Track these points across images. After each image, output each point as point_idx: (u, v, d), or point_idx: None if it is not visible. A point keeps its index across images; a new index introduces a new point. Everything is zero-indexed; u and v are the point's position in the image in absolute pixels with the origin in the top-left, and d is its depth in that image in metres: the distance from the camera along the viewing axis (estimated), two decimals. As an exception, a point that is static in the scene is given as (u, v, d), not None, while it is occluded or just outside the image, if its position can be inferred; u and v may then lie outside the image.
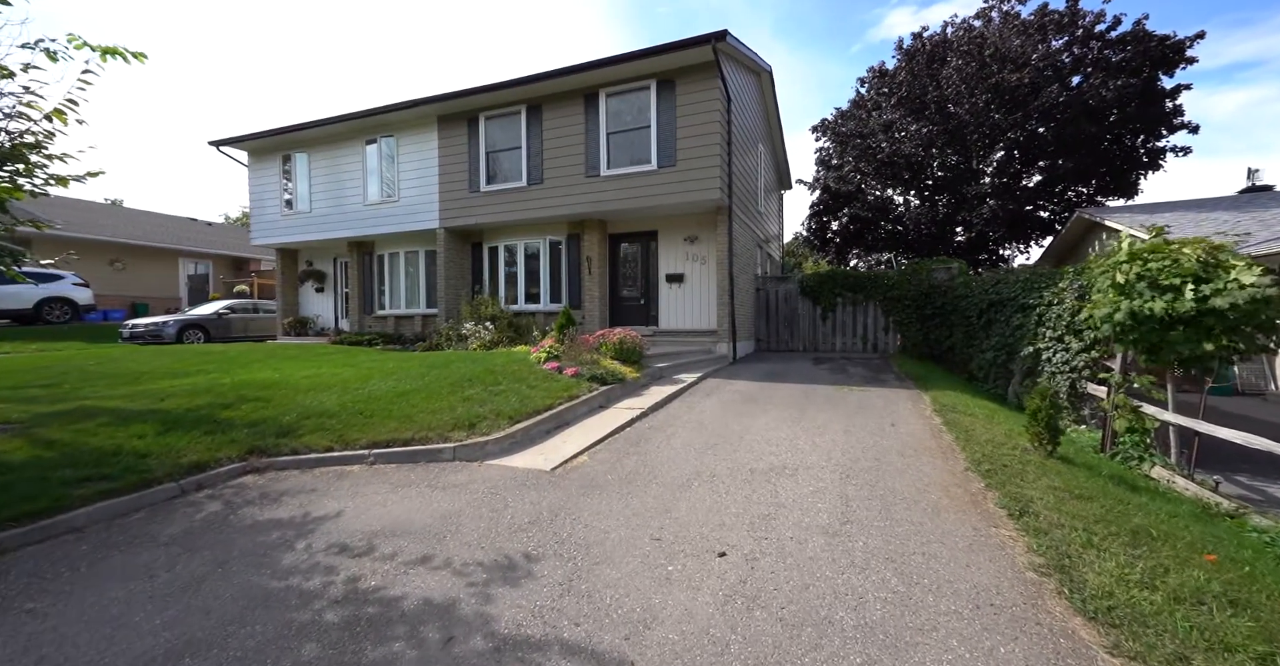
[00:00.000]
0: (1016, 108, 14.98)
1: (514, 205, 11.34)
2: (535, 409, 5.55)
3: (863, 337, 12.32)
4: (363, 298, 13.96)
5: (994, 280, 8.78)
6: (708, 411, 6.24)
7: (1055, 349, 6.15)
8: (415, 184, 12.40)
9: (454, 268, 12.49)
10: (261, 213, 14.17)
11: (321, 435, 4.60)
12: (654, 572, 2.71)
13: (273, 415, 5.02)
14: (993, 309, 8.75)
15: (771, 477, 4.03)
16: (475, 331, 10.30)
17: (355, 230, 13.15)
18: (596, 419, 5.88)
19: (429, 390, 6.01)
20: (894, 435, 5.10)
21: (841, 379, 8.34)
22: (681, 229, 11.23)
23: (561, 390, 6.27)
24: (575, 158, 10.74)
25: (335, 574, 2.71)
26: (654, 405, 6.45)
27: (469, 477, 4.12)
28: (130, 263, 18.66)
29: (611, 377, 7.02)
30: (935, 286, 11.23)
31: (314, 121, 12.53)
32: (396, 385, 6.28)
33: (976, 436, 4.85)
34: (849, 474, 4.07)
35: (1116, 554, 2.62)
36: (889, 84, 17.63)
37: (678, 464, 4.40)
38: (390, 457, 4.42)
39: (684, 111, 9.79)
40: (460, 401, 5.62)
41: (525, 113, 11.17)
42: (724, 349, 10.27)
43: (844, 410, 6.16)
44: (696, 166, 9.71)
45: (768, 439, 5.06)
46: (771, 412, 6.10)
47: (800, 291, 12.80)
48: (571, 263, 11.78)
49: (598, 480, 4.05)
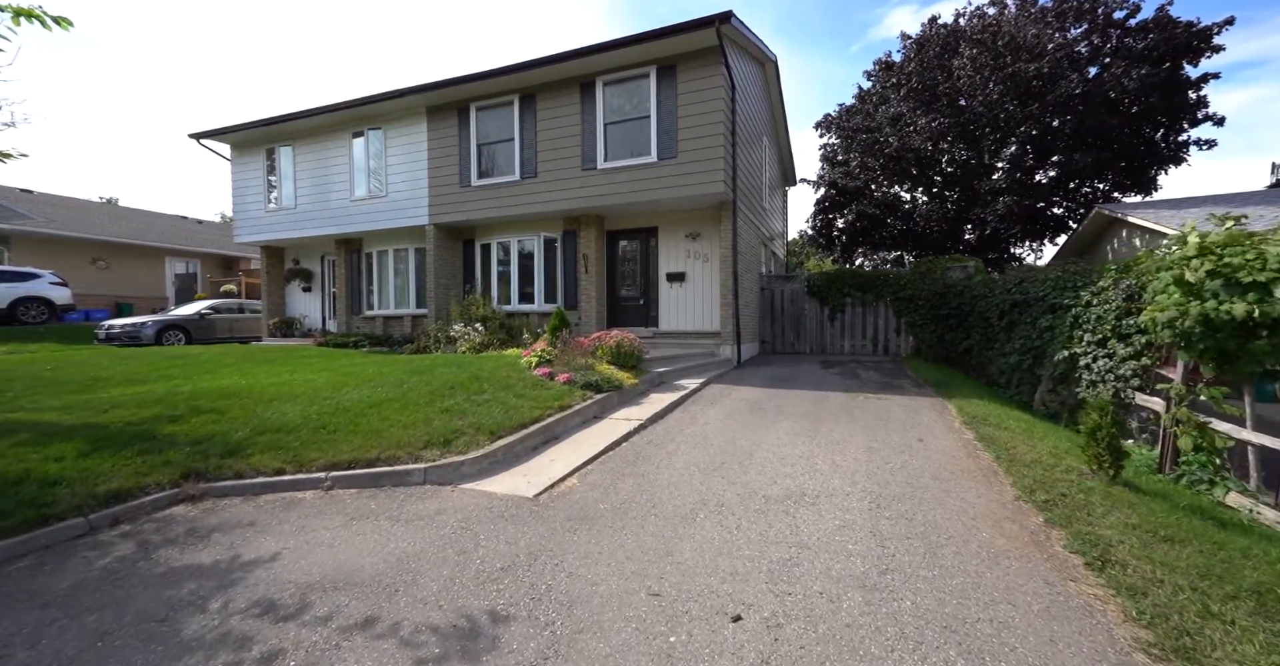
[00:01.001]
0: (1033, 99, 14.33)
1: (506, 200, 10.78)
2: (521, 421, 4.98)
3: (873, 340, 11.75)
4: (350, 297, 13.39)
5: (1017, 279, 8.20)
6: (712, 423, 5.67)
7: (1095, 354, 5.57)
8: (404, 178, 11.83)
9: (444, 266, 11.92)
10: (245, 209, 13.60)
11: (274, 455, 4.02)
12: (652, 645, 2.14)
13: (223, 430, 4.46)
14: (1016, 310, 8.17)
15: (789, 507, 3.46)
16: (464, 333, 9.73)
17: (342, 227, 12.58)
18: (590, 432, 5.31)
19: (405, 399, 5.44)
20: (923, 453, 4.52)
21: (855, 385, 7.77)
22: (683, 225, 10.66)
23: (552, 399, 5.70)
24: (571, 150, 10.17)
25: (249, 648, 2.14)
26: (654, 415, 5.88)
27: (438, 506, 3.54)
28: (114, 261, 18.10)
29: (607, 384, 6.45)
30: (951, 286, 10.64)
31: (299, 113, 11.96)
32: (371, 393, 5.71)
33: (1019, 455, 4.27)
34: (879, 502, 3.50)
35: (1249, 628, 2.04)
36: (897, 75, 16.99)
37: (680, 489, 3.83)
38: (351, 481, 3.85)
39: (686, 100, 9.22)
40: (438, 413, 5.05)
41: (518, 103, 10.60)
42: (728, 352, 9.70)
43: (863, 422, 5.59)
44: (699, 158, 9.14)
45: (781, 457, 4.49)
46: (782, 425, 5.53)
47: (807, 291, 12.22)
48: (567, 261, 11.21)
49: (587, 510, 3.48)
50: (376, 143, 12.08)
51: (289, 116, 12.05)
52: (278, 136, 12.93)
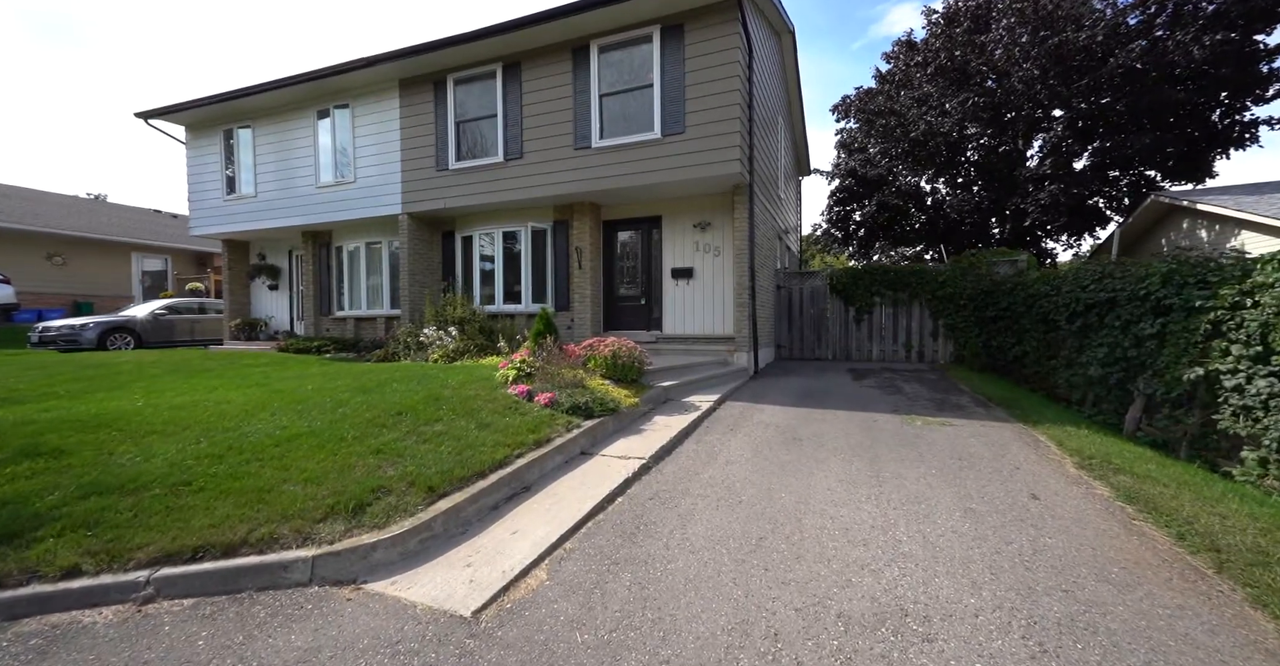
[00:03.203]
0: (1082, 74, 12.85)
1: (489, 185, 9.41)
2: (479, 467, 3.62)
3: (905, 345, 10.37)
4: (318, 297, 12.03)
5: (1096, 273, 6.79)
6: (737, 462, 4.30)
7: (1251, 372, 4.19)
8: (374, 162, 10.47)
9: (420, 261, 10.56)
10: (202, 198, 12.23)
11: (77, 540, 2.63)
12: None
13: (38, 489, 3.09)
14: (1094, 311, 6.77)
15: (888, 643, 2.09)
16: (437, 338, 8.37)
17: (308, 217, 11.22)
18: (574, 478, 3.95)
19: (330, 433, 4.08)
20: (1053, 522, 3.15)
21: (902, 403, 6.39)
22: (690, 213, 9.27)
23: (526, 431, 4.34)
24: (561, 127, 8.80)
25: None
26: (659, 450, 4.51)
27: (311, 641, 2.17)
28: (74, 257, 16.75)
29: (600, 407, 5.08)
30: (999, 283, 9.25)
31: (258, 86, 10.56)
32: (290, 423, 4.34)
33: (1210, 530, 2.90)
34: (1037, 634, 2.13)
35: None
36: (922, 54, 15.50)
37: (704, 595, 2.46)
38: (189, 584, 2.47)
39: (695, 65, 7.84)
40: (366, 455, 3.69)
41: (501, 73, 9.23)
42: (743, 360, 8.33)
43: (936, 462, 4.21)
44: (711, 133, 7.76)
45: (844, 525, 3.12)
46: (831, 465, 4.16)
47: (830, 289, 10.84)
48: (558, 255, 9.84)
49: (556, 647, 2.12)
50: (344, 122, 10.71)
51: (247, 91, 10.66)
52: (236, 115, 11.56)
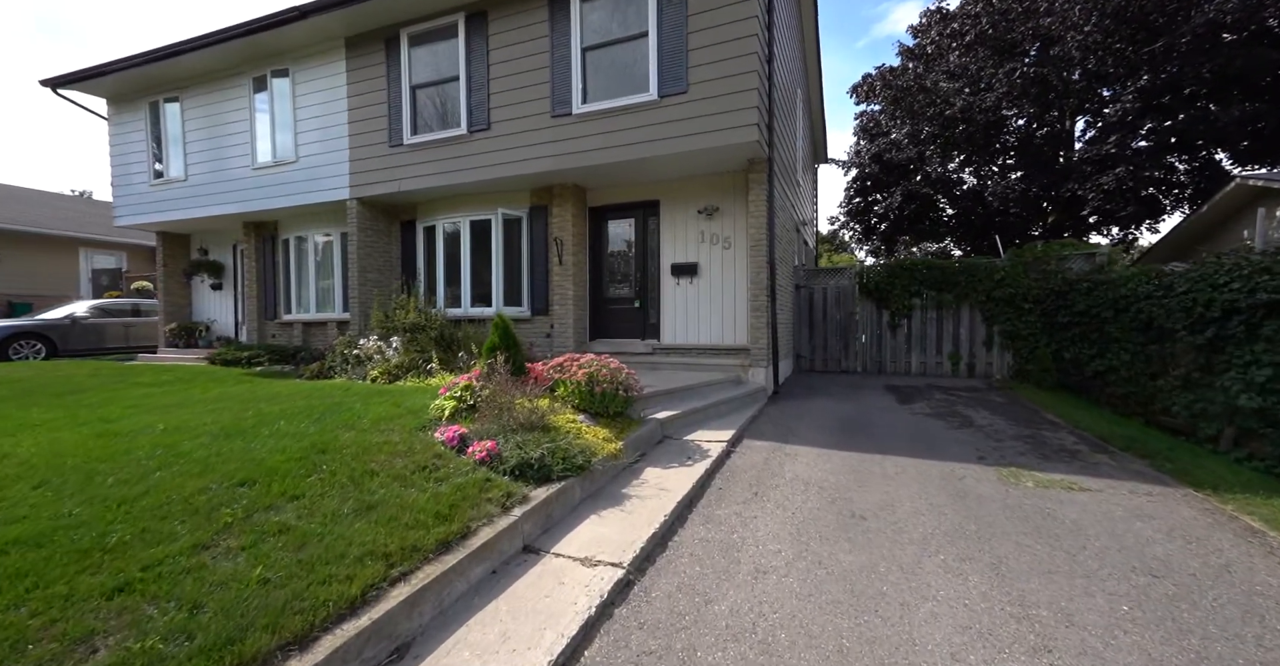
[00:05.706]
0: (1155, 35, 11.08)
1: (451, 163, 7.75)
2: (296, 629, 1.93)
3: (951, 356, 8.67)
4: (263, 298, 10.37)
5: (1250, 266, 5.03)
6: (772, 573, 2.61)
7: None
8: (318, 138, 8.81)
9: (373, 256, 8.90)
10: (127, 183, 10.57)
11: None
12: None
13: None
14: (1234, 317, 5.08)
15: None
16: (377, 350, 6.69)
17: (245, 204, 9.56)
18: (495, 617, 2.25)
19: (81, 532, 2.41)
20: None
21: (982, 443, 4.70)
22: (694, 196, 7.60)
23: (433, 516, 2.67)
24: (537, 89, 7.15)
25: None
26: (647, 544, 2.83)
27: None
28: (9, 253, 15.15)
29: (561, 462, 3.39)
30: (1073, 282, 7.55)
31: (184, 43, 8.74)
32: (30, 513, 2.67)
33: None
34: None
35: None
36: (959, 21, 13.72)
37: None
38: None
39: (701, 4, 6.17)
40: (95, 596, 2.01)
41: (464, 25, 7.56)
42: (760, 378, 6.65)
43: (1107, 573, 2.52)
44: (722, 92, 6.10)
45: None
46: (931, 583, 2.47)
47: (859, 289, 9.16)
48: (535, 248, 8.17)
49: None
50: (283, 90, 9.05)
51: (171, 49, 8.85)
52: (160, 84, 9.89)
